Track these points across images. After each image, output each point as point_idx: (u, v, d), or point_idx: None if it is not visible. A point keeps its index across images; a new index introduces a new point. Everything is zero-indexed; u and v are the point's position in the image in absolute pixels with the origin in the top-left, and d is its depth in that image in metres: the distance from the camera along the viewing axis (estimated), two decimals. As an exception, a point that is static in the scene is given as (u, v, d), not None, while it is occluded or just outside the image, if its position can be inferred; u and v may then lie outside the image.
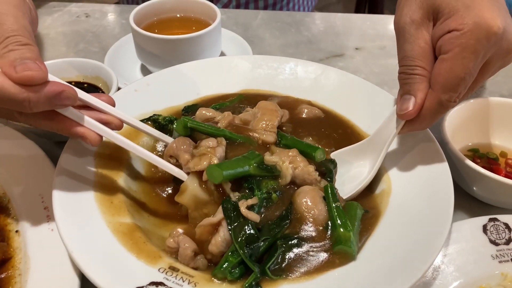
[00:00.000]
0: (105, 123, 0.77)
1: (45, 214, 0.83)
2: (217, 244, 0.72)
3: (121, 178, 0.85)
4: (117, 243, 0.72)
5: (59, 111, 0.70)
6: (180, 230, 0.76)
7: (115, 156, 0.88)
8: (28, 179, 0.89)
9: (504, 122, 1.02)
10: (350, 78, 1.05)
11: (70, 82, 1.07)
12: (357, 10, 2.87)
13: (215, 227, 0.75)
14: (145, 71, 1.25)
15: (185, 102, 1.02)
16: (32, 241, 0.79)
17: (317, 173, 0.82)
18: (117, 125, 0.79)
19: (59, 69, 1.10)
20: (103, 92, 1.08)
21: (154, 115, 0.95)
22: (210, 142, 0.82)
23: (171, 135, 0.91)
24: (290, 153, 0.83)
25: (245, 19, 1.54)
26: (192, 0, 1.25)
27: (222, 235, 0.72)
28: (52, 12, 1.53)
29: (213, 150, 0.79)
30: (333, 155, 0.91)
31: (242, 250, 0.70)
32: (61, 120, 0.72)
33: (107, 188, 0.81)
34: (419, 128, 0.80)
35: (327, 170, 0.87)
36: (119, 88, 1.05)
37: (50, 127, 0.72)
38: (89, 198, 0.78)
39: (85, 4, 1.58)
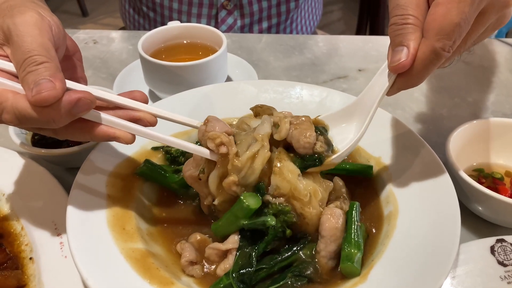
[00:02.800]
0: (137, 120, 0.77)
1: (58, 241, 0.84)
2: (225, 269, 0.76)
3: (132, 204, 0.86)
4: (130, 269, 0.74)
5: (86, 117, 0.71)
6: (197, 236, 0.83)
7: (126, 183, 0.89)
8: (41, 206, 0.91)
9: (507, 142, 1.04)
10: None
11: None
12: (359, 27, 2.91)
13: (225, 252, 0.77)
14: (153, 96, 1.28)
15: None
16: (46, 268, 0.81)
17: (315, 139, 0.79)
18: (150, 121, 0.79)
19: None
20: (113, 118, 1.10)
21: (167, 147, 0.97)
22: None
23: (181, 165, 0.94)
24: (303, 118, 0.82)
25: (249, 43, 1.57)
26: (198, 27, 1.28)
27: (231, 262, 0.76)
28: (61, 39, 1.57)
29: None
30: (324, 118, 0.88)
31: (233, 273, 0.74)
32: (90, 127, 0.72)
33: (119, 214, 0.83)
34: (411, 83, 0.73)
35: (327, 143, 0.83)
36: (128, 114, 1.07)
37: (82, 137, 0.73)
38: (102, 225, 0.80)
39: (92, 31, 1.62)
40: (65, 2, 5.35)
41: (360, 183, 0.96)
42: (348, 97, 1.09)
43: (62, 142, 1.04)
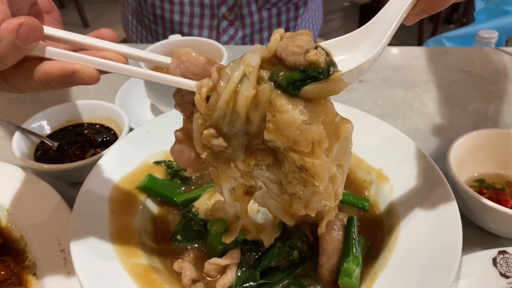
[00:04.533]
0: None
1: (61, 257, 0.84)
2: (224, 285, 0.77)
3: (135, 219, 0.87)
4: (134, 285, 0.74)
5: (36, 54, 0.60)
6: (191, 254, 0.81)
7: (129, 198, 0.90)
8: (44, 222, 0.91)
9: (508, 152, 1.04)
10: (355, 113, 1.08)
11: (82, 124, 1.12)
12: (361, 25, 2.92)
13: (224, 267, 0.78)
14: (154, 109, 1.29)
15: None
16: (50, 283, 0.81)
17: (308, 44, 0.60)
18: (118, 60, 0.65)
19: (72, 112, 1.14)
20: (115, 133, 1.11)
21: (168, 160, 0.97)
22: None
23: (184, 182, 0.95)
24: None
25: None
26: (199, 40, 1.29)
27: (230, 277, 0.76)
28: (63, 53, 1.58)
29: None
30: (324, 44, 0.68)
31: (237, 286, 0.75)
32: (43, 65, 0.60)
33: (122, 229, 0.83)
34: (439, 1, 0.62)
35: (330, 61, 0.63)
36: (130, 128, 1.08)
37: (37, 81, 0.60)
38: (105, 240, 0.80)
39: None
40: (67, 13, 5.39)
41: (361, 195, 0.97)
42: (348, 109, 1.09)
43: (64, 157, 1.05)
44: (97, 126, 1.14)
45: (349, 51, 0.67)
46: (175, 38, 1.31)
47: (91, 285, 0.71)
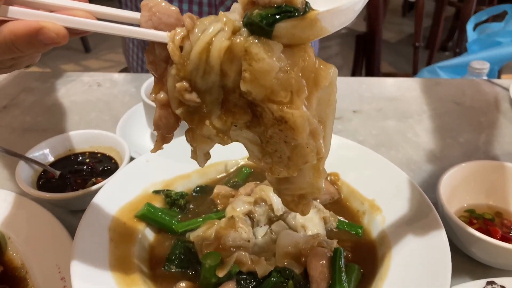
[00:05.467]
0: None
1: (62, 285, 0.86)
2: None
3: (134, 248, 0.89)
4: (132, 314, 0.76)
5: (2, 16, 0.58)
6: (183, 285, 0.81)
7: (128, 226, 0.92)
8: (45, 250, 0.93)
9: (496, 183, 1.07)
10: (349, 144, 1.11)
11: (84, 153, 1.15)
12: (355, 64, 2.98)
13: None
14: (154, 137, 1.32)
15: (193, 170, 1.08)
16: (49, 311, 0.83)
17: None
18: (87, 18, 0.61)
19: (74, 141, 1.17)
20: (116, 162, 1.14)
21: (167, 190, 1.00)
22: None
23: (182, 210, 0.98)
24: None
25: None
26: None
27: None
28: (66, 82, 1.63)
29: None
30: None
31: None
32: (8, 24, 0.58)
33: (121, 258, 0.86)
34: None
35: None
36: (131, 157, 1.12)
37: (4, 43, 0.58)
38: (105, 269, 0.82)
39: (96, 73, 1.68)
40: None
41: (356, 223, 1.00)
42: (340, 139, 1.12)
43: (66, 185, 1.08)
44: (99, 155, 1.17)
45: (330, 3, 0.61)
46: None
47: (90, 314, 0.73)
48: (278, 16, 0.56)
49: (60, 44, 0.59)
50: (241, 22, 0.58)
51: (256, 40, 0.56)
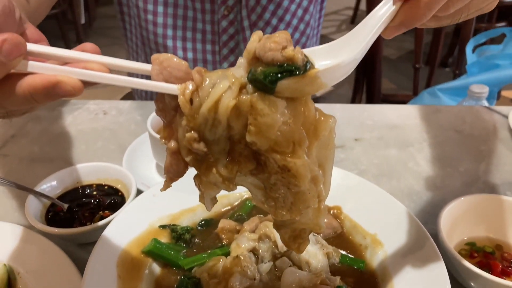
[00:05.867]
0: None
1: (70, 321, 0.88)
2: None
3: (141, 285, 0.91)
4: None
5: (21, 70, 0.61)
6: None
7: (136, 262, 0.95)
8: (53, 284, 0.95)
9: (496, 216, 1.09)
10: (350, 178, 1.14)
11: (91, 185, 1.17)
12: (356, 81, 3.01)
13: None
14: (160, 169, 1.35)
15: (198, 203, 1.10)
16: None
17: (285, 41, 0.61)
18: (100, 71, 0.64)
19: (82, 173, 1.20)
20: (122, 194, 1.16)
21: (173, 224, 1.03)
22: None
23: (188, 244, 1.00)
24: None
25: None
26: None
27: None
28: (73, 110, 1.66)
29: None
30: (306, 51, 0.66)
31: None
32: (27, 78, 0.61)
33: (129, 295, 0.88)
34: (418, 14, 0.63)
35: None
36: (138, 189, 1.14)
37: (21, 96, 0.61)
38: (113, 307, 0.85)
39: (102, 101, 1.71)
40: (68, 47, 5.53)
41: (360, 257, 1.01)
42: (343, 172, 1.15)
43: (74, 219, 1.10)
44: (106, 187, 1.19)
45: (330, 58, 0.66)
46: (180, 100, 1.38)
47: None
48: (280, 75, 0.60)
49: (75, 96, 0.62)
50: (246, 78, 0.61)
51: (261, 97, 0.60)
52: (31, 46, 0.62)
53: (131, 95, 2.27)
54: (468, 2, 0.67)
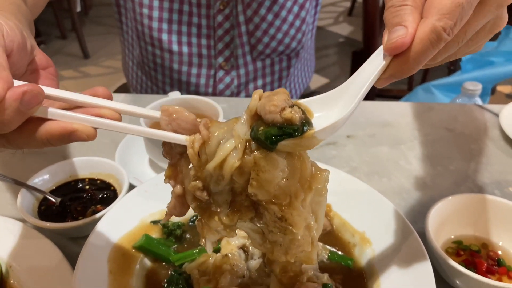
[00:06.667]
0: (100, 117, 0.69)
1: (62, 315, 0.90)
2: None
3: (132, 279, 0.93)
4: None
5: (38, 115, 0.65)
6: None
7: (127, 257, 0.96)
8: (46, 279, 0.96)
9: (483, 216, 1.11)
10: (342, 176, 1.15)
11: (84, 180, 1.18)
12: (352, 72, 3.02)
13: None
14: (153, 164, 1.35)
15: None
16: None
17: (283, 103, 0.66)
18: (113, 118, 0.69)
19: (75, 167, 1.20)
20: (115, 189, 1.17)
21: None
22: None
23: (178, 240, 1.01)
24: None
25: (244, 106, 1.65)
26: (197, 99, 1.37)
27: None
28: (66, 103, 1.65)
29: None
30: (303, 101, 0.74)
31: None
32: (44, 125, 0.65)
33: (119, 290, 0.89)
34: (407, 68, 0.65)
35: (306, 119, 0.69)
36: (130, 184, 1.15)
37: (38, 140, 0.65)
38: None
39: (96, 94, 1.70)
40: (67, 44, 5.51)
41: (348, 254, 1.03)
42: (335, 171, 1.16)
43: (66, 213, 1.11)
44: (98, 181, 1.20)
45: (325, 109, 0.72)
46: (174, 95, 1.39)
47: None
48: (280, 137, 0.66)
49: (88, 141, 0.67)
50: (249, 135, 0.68)
51: (264, 155, 0.67)
52: (47, 90, 0.65)
53: (126, 87, 2.27)
54: (455, 51, 0.70)
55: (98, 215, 1.04)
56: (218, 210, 0.72)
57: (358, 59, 2.80)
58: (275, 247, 0.74)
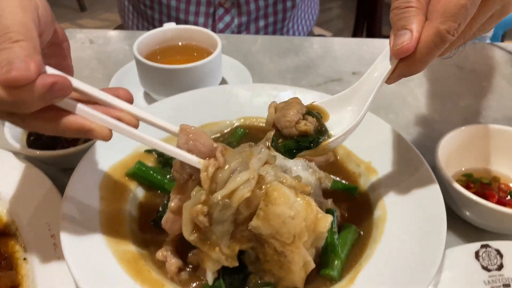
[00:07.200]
0: (118, 120, 0.70)
1: (52, 242, 0.85)
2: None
3: (125, 207, 0.88)
4: (122, 271, 0.75)
5: (59, 105, 0.65)
6: (171, 243, 0.81)
7: (120, 185, 0.91)
8: (35, 207, 0.92)
9: (496, 148, 1.06)
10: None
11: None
12: (356, 27, 2.92)
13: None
14: (148, 97, 1.29)
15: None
16: (40, 268, 0.82)
17: (297, 116, 0.72)
18: (131, 123, 0.71)
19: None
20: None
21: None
22: None
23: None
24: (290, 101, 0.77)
25: (245, 44, 1.59)
26: (194, 29, 1.29)
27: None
28: (58, 39, 1.58)
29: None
30: (319, 103, 0.80)
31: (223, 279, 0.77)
32: (62, 116, 0.65)
33: (112, 216, 0.85)
34: (413, 68, 0.69)
35: (320, 126, 0.76)
36: (123, 116, 1.09)
37: (53, 128, 0.66)
38: (95, 227, 0.81)
39: (90, 30, 1.63)
40: (64, -4, 5.35)
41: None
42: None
43: (57, 143, 1.05)
44: (90, 113, 1.14)
45: (340, 110, 0.79)
46: (169, 26, 1.31)
47: (79, 272, 0.72)
48: (298, 150, 0.74)
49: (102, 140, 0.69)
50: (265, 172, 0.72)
51: (277, 188, 0.69)
52: (74, 83, 0.66)
53: (122, 28, 2.18)
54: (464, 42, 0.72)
55: (90, 142, 0.99)
56: (219, 241, 0.71)
57: (363, 6, 2.70)
58: (267, 274, 0.76)
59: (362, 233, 0.87)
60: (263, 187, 0.69)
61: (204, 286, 0.77)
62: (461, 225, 0.96)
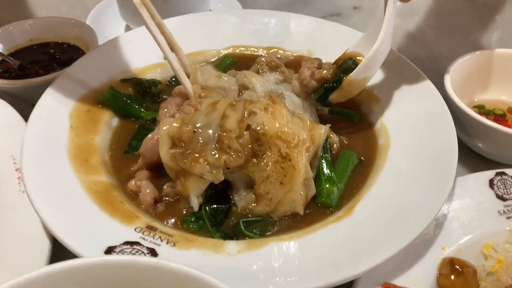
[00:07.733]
0: None
1: (16, 176, 0.77)
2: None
3: (98, 137, 0.79)
4: (90, 202, 0.67)
5: None
6: (145, 174, 0.73)
7: (92, 114, 0.82)
8: (1, 140, 0.83)
9: (510, 76, 0.95)
10: (345, 31, 0.99)
11: (48, 43, 1.02)
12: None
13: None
14: (130, 30, 1.18)
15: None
16: (3, 203, 0.74)
17: (307, 74, 0.80)
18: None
19: (36, 29, 1.04)
20: (83, 52, 1.01)
21: (138, 78, 0.89)
22: None
23: (154, 100, 0.88)
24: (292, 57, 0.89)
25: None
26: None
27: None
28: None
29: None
30: (349, 50, 0.84)
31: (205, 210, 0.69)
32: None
33: (82, 146, 0.76)
34: None
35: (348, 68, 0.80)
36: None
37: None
38: (61, 157, 0.73)
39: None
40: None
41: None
42: (339, 28, 1.00)
43: (27, 77, 0.95)
44: (65, 45, 1.04)
45: (369, 46, 0.79)
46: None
47: (42, 203, 0.64)
48: (325, 95, 0.80)
49: None
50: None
51: (278, 102, 0.72)
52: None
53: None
54: None
55: (61, 72, 0.89)
56: (204, 149, 0.67)
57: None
58: (261, 201, 0.69)
59: (363, 159, 0.78)
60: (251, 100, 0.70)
61: (184, 218, 0.69)
62: (471, 158, 0.88)
